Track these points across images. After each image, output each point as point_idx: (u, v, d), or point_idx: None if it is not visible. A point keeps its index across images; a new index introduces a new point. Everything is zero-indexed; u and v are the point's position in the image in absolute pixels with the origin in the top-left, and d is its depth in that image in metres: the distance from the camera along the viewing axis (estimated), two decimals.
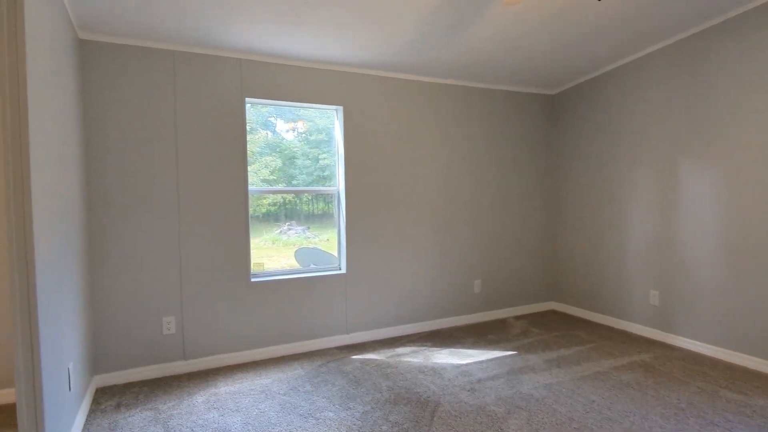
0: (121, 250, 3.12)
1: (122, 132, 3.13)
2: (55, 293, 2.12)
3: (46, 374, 1.91)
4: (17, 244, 1.80)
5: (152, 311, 3.21)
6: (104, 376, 3.07)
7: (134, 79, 3.16)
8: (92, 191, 3.06)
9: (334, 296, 3.82)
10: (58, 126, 2.32)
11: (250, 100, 3.57)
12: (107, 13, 2.76)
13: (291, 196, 3.92)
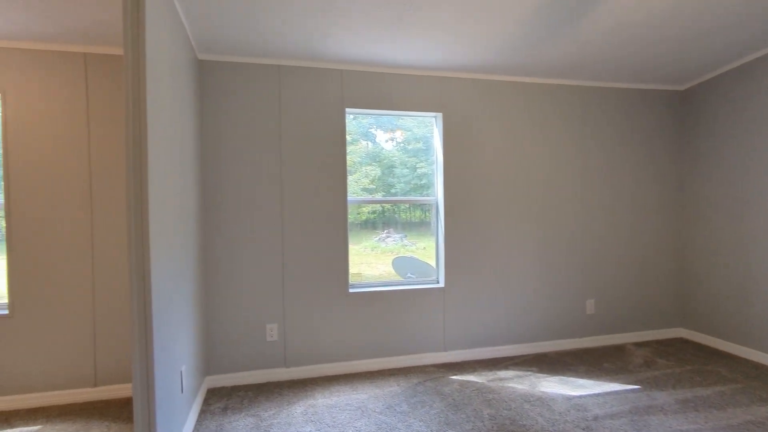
0: (229, 257, 3.27)
1: (233, 145, 3.29)
2: (169, 301, 2.23)
3: (159, 378, 2.00)
4: (136, 255, 1.91)
5: (257, 318, 3.31)
6: (215, 378, 3.22)
7: (244, 94, 3.31)
8: (206, 202, 3.25)
9: (431, 311, 3.66)
10: (176, 142, 2.47)
11: (351, 110, 3.57)
12: (222, 34, 2.91)
13: (389, 205, 3.87)
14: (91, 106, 3.05)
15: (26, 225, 2.95)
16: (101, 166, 3.06)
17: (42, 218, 2.97)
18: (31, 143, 2.96)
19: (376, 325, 3.55)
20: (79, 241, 3.02)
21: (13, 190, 2.93)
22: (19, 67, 2.95)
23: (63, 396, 2.96)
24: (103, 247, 3.05)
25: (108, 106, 3.07)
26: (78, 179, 3.02)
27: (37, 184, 2.96)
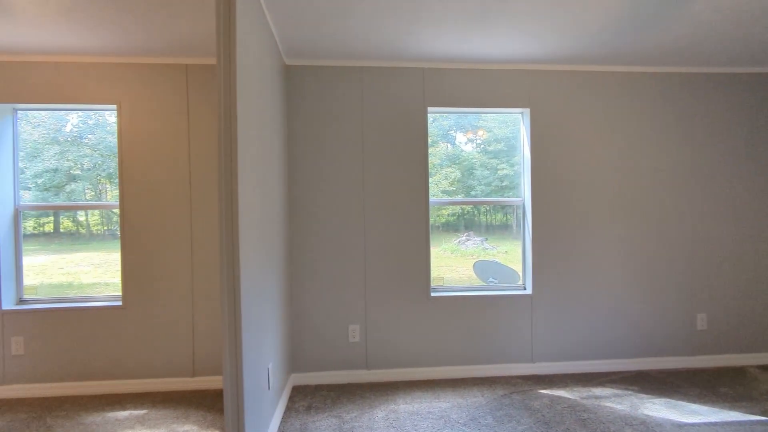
0: (313, 258, 3.34)
1: (316, 148, 3.35)
2: (257, 300, 2.31)
3: (247, 374, 2.06)
4: (226, 257, 1.98)
5: (340, 319, 3.35)
6: (300, 375, 3.31)
7: (328, 96, 3.36)
8: (291, 204, 3.34)
9: (518, 319, 3.47)
10: (264, 146, 2.54)
11: (433, 109, 3.49)
12: (308, 39, 2.96)
13: (469, 207, 3.74)
14: (191, 114, 3.26)
15: (136, 225, 3.23)
16: (200, 171, 3.26)
17: (150, 219, 3.23)
18: (141, 150, 3.23)
19: (459, 331, 3.43)
20: (181, 241, 3.24)
21: (126, 194, 3.22)
22: (131, 80, 3.23)
23: (166, 383, 3.20)
24: (201, 247, 3.25)
25: (206, 114, 3.26)
26: (179, 183, 3.24)
27: (145, 188, 3.23)
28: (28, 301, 3.29)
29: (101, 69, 3.21)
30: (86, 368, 3.18)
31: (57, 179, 3.31)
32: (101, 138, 3.36)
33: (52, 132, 3.32)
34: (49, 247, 3.43)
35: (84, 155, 3.34)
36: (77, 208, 3.45)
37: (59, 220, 3.47)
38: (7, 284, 3.18)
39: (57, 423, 2.70)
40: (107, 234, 3.48)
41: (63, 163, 3.33)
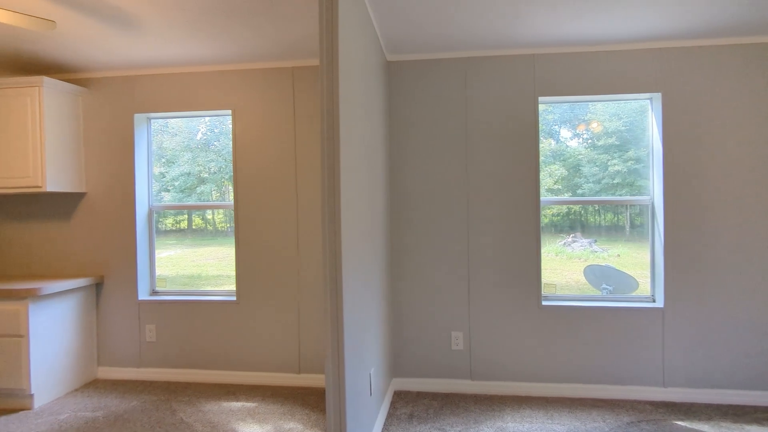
0: (415, 260, 3.24)
1: (418, 145, 3.23)
2: (359, 304, 2.25)
3: (349, 379, 2.02)
4: (329, 259, 1.94)
5: (442, 324, 3.21)
6: (401, 381, 3.24)
7: (430, 91, 3.22)
8: (392, 204, 3.27)
9: (646, 335, 3.04)
10: (366, 146, 2.48)
11: (544, 99, 3.18)
12: (411, 33, 2.85)
13: (577, 206, 3.38)
14: (297, 116, 3.33)
15: (248, 225, 3.39)
16: (305, 172, 3.33)
17: (260, 220, 3.38)
18: (252, 153, 3.38)
19: (575, 345, 3.10)
20: (288, 241, 3.34)
21: (239, 195, 3.39)
22: (243, 86, 3.39)
23: (274, 378, 3.34)
24: (306, 247, 3.32)
25: (310, 115, 3.31)
26: (286, 184, 3.34)
27: (256, 189, 3.38)
28: (159, 292, 3.64)
29: (218, 77, 3.42)
30: (206, 357, 3.43)
31: (190, 182, 3.65)
32: (225, 144, 3.62)
33: (186, 140, 3.66)
34: (183, 241, 3.79)
35: (211, 160, 3.64)
36: (195, 207, 3.74)
37: (191, 218, 3.81)
38: (142, 277, 3.55)
39: (180, 408, 2.93)
40: (229, 231, 3.75)
41: (194, 168, 3.67)
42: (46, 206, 3.61)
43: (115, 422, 2.74)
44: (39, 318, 3.03)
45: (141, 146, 3.58)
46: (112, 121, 3.53)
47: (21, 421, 2.79)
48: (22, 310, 2.95)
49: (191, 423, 2.71)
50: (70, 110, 3.44)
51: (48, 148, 3.23)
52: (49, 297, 3.11)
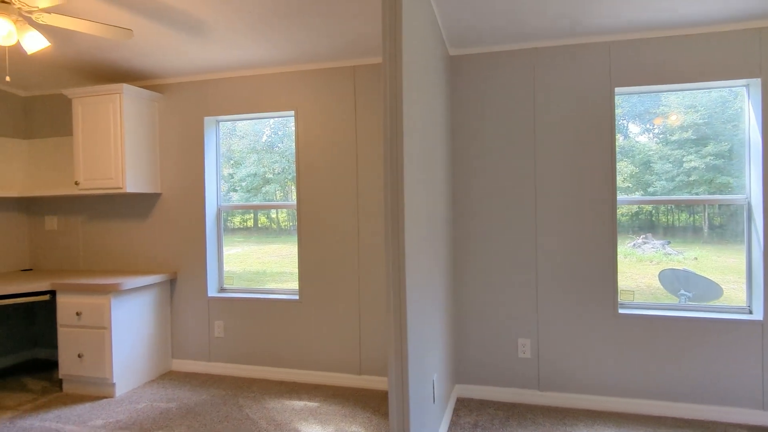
0: (479, 262, 3.11)
1: (483, 143, 3.10)
2: (422, 307, 2.18)
3: (413, 385, 1.95)
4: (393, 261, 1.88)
5: (508, 331, 3.07)
6: (464, 387, 3.14)
7: (495, 85, 3.07)
8: (455, 204, 3.16)
9: (742, 351, 2.72)
10: (429, 145, 2.40)
11: (621, 89, 2.93)
12: (475, 25, 2.72)
13: (649, 206, 3.13)
14: (358, 115, 3.30)
15: (310, 225, 3.42)
16: (366, 172, 3.30)
17: (322, 219, 3.39)
18: (314, 153, 3.40)
19: (655, 358, 2.84)
20: (349, 241, 3.33)
21: (302, 195, 3.43)
22: (305, 87, 3.41)
23: (335, 378, 3.35)
24: (367, 248, 3.30)
25: (372, 114, 3.28)
26: (347, 183, 3.33)
27: (318, 189, 3.40)
28: (227, 289, 3.77)
29: (281, 78, 3.47)
30: (270, 355, 3.50)
31: (256, 182, 3.79)
32: (288, 146, 3.71)
33: (252, 142, 3.79)
34: (250, 239, 3.93)
35: (275, 161, 3.75)
36: (259, 207, 3.84)
37: (257, 217, 3.95)
38: (212, 274, 3.69)
39: (246, 404, 3.01)
40: (292, 229, 3.84)
41: (260, 169, 3.79)
42: (126, 206, 3.84)
43: (186, 414, 2.86)
44: (120, 311, 3.23)
45: (210, 148, 3.71)
46: (184, 125, 3.69)
47: (103, 408, 2.99)
48: (105, 303, 3.15)
49: (256, 420, 2.77)
50: (147, 115, 3.63)
51: (128, 152, 3.43)
52: (129, 292, 3.31)
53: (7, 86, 3.92)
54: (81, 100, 3.48)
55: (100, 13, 2.62)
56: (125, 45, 3.06)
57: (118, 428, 2.69)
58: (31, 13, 2.17)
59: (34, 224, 4.10)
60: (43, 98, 4.04)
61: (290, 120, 3.65)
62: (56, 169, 3.97)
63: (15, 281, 3.34)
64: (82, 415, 2.88)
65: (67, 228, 4.01)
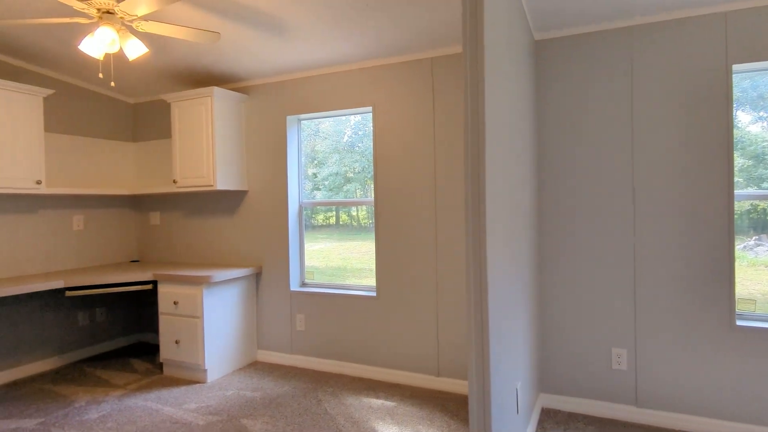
0: (566, 262, 2.87)
1: (572, 133, 2.85)
2: (504, 310, 2.04)
3: (495, 394, 1.82)
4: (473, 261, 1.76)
5: (600, 339, 2.80)
6: (549, 397, 2.93)
7: (585, 70, 2.80)
8: (540, 200, 2.94)
9: None
10: (512, 137, 2.24)
11: (740, 66, 2.53)
12: (565, 5, 2.50)
13: (764, 203, 2.65)
14: (436, 109, 3.20)
15: (387, 222, 3.39)
16: (443, 167, 3.19)
17: (398, 216, 3.34)
18: (391, 148, 3.36)
19: None
20: (426, 239, 3.25)
21: (379, 191, 3.41)
22: (382, 81, 3.38)
23: (413, 378, 3.29)
24: (445, 246, 3.19)
25: (450, 107, 3.16)
26: (425, 179, 3.24)
27: (395, 186, 3.35)
28: (308, 284, 3.87)
29: (359, 74, 3.46)
30: (348, 350, 3.53)
31: (337, 181, 3.86)
32: (367, 145, 3.72)
33: (334, 143, 3.87)
34: (332, 236, 4.02)
35: (355, 160, 3.80)
36: (338, 204, 3.89)
37: (339, 214, 4.03)
38: (294, 269, 3.80)
39: (325, 398, 3.05)
40: (371, 227, 3.87)
41: (341, 168, 3.87)
42: (216, 203, 4.09)
43: (269, 405, 2.97)
44: (211, 302, 3.44)
45: (292, 146, 3.82)
46: (268, 124, 3.84)
47: (196, 392, 3.19)
48: (198, 294, 3.37)
49: (334, 416, 2.79)
50: (234, 116, 3.82)
51: (218, 151, 3.64)
52: (219, 284, 3.51)
53: (117, 94, 4.34)
54: (178, 103, 3.75)
55: (193, 19, 2.78)
56: (214, 49, 3.23)
57: (209, 413, 2.85)
58: (132, 21, 2.34)
59: (141, 220, 4.52)
60: (147, 104, 4.43)
61: (369, 119, 3.64)
62: (159, 169, 4.33)
63: (125, 271, 3.69)
64: (178, 397, 3.10)
65: (168, 223, 4.36)
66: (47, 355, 3.77)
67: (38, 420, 2.80)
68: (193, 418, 2.78)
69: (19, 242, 3.60)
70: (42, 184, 3.39)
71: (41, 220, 3.75)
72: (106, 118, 4.26)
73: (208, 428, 2.66)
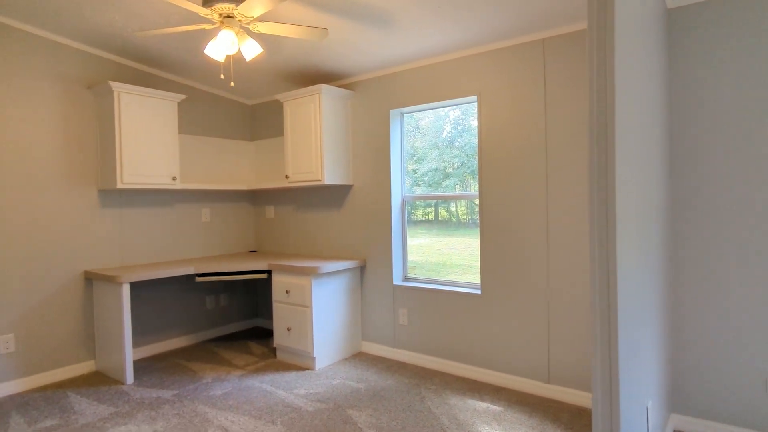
0: (708, 268, 2.47)
1: (715, 115, 2.43)
2: (633, 323, 1.80)
3: (624, 413, 1.61)
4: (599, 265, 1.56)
5: (750, 359, 2.37)
6: (682, 418, 2.56)
7: (727, 39, 2.36)
8: (676, 192, 2.56)
9: None
10: (644, 123, 1.96)
11: None
12: None
13: None
14: (548, 92, 2.95)
15: (493, 216, 3.22)
16: (557, 154, 2.93)
17: (505, 210, 3.16)
18: (498, 138, 3.18)
19: None
20: (536, 235, 3.03)
21: (484, 184, 3.25)
22: (488, 68, 3.20)
23: (520, 383, 3.10)
24: (557, 243, 2.94)
25: (564, 92, 2.89)
26: (535, 169, 3.02)
27: (502, 177, 3.17)
28: (410, 279, 3.85)
29: (462, 63, 3.33)
30: (450, 348, 3.44)
31: (437, 177, 3.81)
32: (467, 140, 3.61)
33: (434, 138, 3.82)
34: (431, 231, 3.97)
35: (455, 155, 3.72)
36: (440, 198, 3.79)
37: (438, 210, 3.97)
38: (397, 263, 3.80)
39: (428, 396, 3.00)
40: (470, 223, 3.76)
41: (440, 164, 3.80)
42: (324, 197, 4.24)
43: (373, 397, 3.00)
44: (319, 292, 3.57)
45: (395, 140, 3.81)
46: (372, 119, 3.87)
47: (305, 379, 3.35)
48: (307, 284, 3.52)
49: (438, 415, 2.73)
50: (341, 112, 3.92)
51: (325, 147, 3.76)
52: (327, 275, 3.64)
53: (237, 97, 4.70)
54: (289, 102, 3.94)
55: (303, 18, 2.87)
56: (322, 47, 3.32)
57: (317, 400, 2.97)
58: (248, 23, 2.48)
59: (258, 213, 4.86)
60: (263, 105, 4.73)
61: (469, 113, 3.49)
62: (273, 165, 4.61)
63: (244, 260, 3.99)
64: (289, 382, 3.28)
65: (281, 216, 4.64)
66: (181, 333, 4.24)
67: (174, 392, 3.14)
68: (303, 404, 2.91)
69: (158, 232, 4.07)
70: (177, 180, 3.79)
71: (176, 213, 4.21)
72: (227, 120, 4.64)
73: (316, 415, 2.76)
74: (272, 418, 2.73)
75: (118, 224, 3.80)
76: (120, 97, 3.47)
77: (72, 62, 3.52)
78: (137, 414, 2.81)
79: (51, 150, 3.41)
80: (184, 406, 2.91)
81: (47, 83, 3.39)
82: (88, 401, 3.00)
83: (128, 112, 3.52)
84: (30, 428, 2.65)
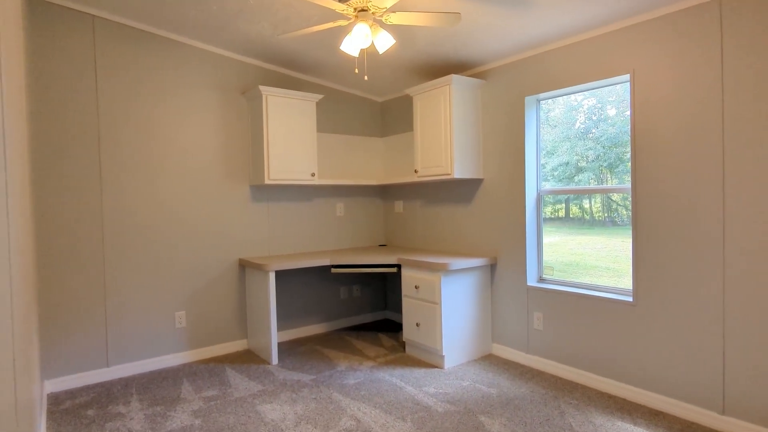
0: None
1: None
2: None
3: None
4: None
5: None
6: None
7: None
8: None
9: None
10: None
11: None
12: None
13: None
14: (726, 67, 2.44)
15: (652, 211, 2.79)
16: (738, 138, 2.41)
17: (666, 206, 2.71)
18: (657, 121, 2.74)
19: None
20: (706, 234, 2.54)
21: (640, 174, 2.83)
22: (643, 42, 2.77)
23: (684, 410, 2.65)
24: (736, 245, 2.43)
25: (755, 57, 2.35)
26: (708, 156, 2.52)
27: (662, 166, 2.72)
28: (546, 280, 3.56)
29: (610, 39, 2.93)
30: (594, 360, 3.10)
31: (568, 171, 3.52)
32: (603, 131, 3.27)
33: (565, 130, 3.53)
34: (561, 229, 3.68)
35: (589, 148, 3.40)
36: (586, 191, 3.44)
37: (569, 206, 3.66)
38: (531, 263, 3.54)
39: (568, 411, 2.73)
40: (607, 221, 3.45)
41: (572, 157, 3.52)
42: (452, 192, 4.14)
43: (507, 405, 2.83)
44: (448, 289, 3.49)
45: (531, 130, 3.54)
46: (504, 109, 3.64)
47: (434, 377, 3.30)
48: (436, 281, 3.47)
49: None
50: (471, 103, 3.76)
51: (455, 140, 3.64)
52: (456, 272, 3.54)
53: (368, 95, 4.81)
54: (419, 96, 3.90)
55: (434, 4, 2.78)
56: (453, 34, 3.19)
57: (446, 401, 2.90)
58: (381, 15, 2.48)
59: (388, 208, 4.95)
60: (393, 101, 4.78)
61: (606, 101, 3.08)
62: (402, 160, 4.64)
63: (375, 254, 4.09)
64: (418, 379, 3.27)
65: (409, 211, 4.65)
66: (319, 321, 4.52)
67: (312, 376, 3.35)
68: (433, 403, 2.87)
69: (298, 225, 4.38)
70: (315, 176, 4.02)
71: (313, 207, 4.48)
72: (359, 117, 4.79)
73: (446, 417, 2.69)
74: (402, 414, 2.73)
75: (266, 217, 4.17)
76: (268, 100, 3.79)
77: (230, 71, 3.94)
78: (281, 394, 3.04)
79: (214, 151, 3.86)
80: (320, 391, 3.08)
81: (213, 92, 3.85)
82: (241, 377, 3.35)
83: (274, 113, 3.83)
84: (197, 395, 3.04)
